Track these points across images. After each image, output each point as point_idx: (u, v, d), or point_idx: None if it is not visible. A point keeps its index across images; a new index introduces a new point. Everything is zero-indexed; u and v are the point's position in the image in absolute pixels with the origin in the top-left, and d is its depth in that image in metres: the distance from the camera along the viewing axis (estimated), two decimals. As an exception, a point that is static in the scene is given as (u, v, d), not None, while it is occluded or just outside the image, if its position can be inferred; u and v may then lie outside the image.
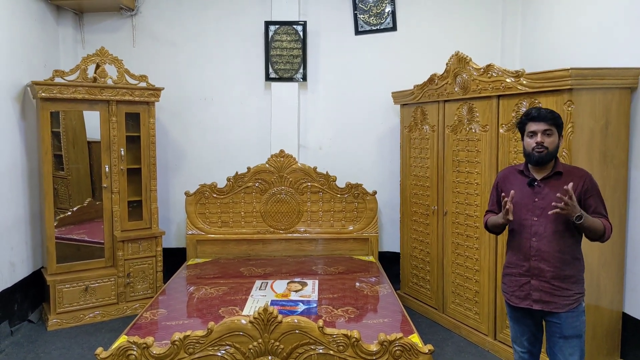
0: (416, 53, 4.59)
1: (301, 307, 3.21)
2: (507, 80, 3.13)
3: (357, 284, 3.72)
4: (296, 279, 3.80)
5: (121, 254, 4.09)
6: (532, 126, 2.25)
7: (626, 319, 3.13)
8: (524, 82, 3.02)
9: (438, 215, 3.89)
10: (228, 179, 4.45)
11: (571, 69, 2.73)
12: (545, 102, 2.94)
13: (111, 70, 4.08)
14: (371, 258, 4.41)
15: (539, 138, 2.22)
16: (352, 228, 4.50)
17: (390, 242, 4.75)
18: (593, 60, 3.33)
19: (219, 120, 4.69)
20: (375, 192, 4.48)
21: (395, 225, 4.66)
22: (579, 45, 3.52)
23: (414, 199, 4.19)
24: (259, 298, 3.39)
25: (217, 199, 4.47)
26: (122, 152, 4.09)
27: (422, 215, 4.09)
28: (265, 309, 2.35)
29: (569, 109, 2.81)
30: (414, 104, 4.10)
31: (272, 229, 4.50)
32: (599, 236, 2.25)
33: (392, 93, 4.33)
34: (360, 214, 4.51)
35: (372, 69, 4.63)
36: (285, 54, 4.53)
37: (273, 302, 3.29)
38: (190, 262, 4.34)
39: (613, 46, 3.22)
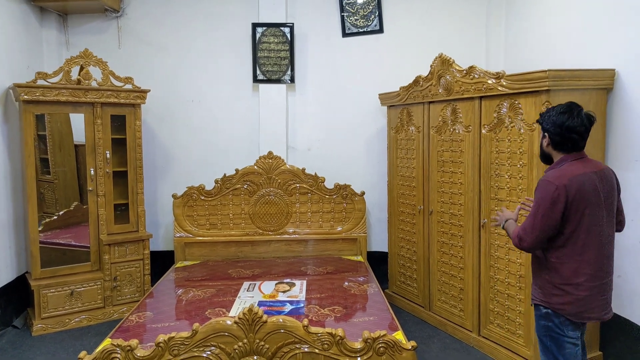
0: (403, 55, 4.63)
1: (288, 307, 3.24)
2: (489, 81, 3.18)
3: (346, 283, 3.75)
4: (284, 280, 3.82)
5: (107, 258, 4.09)
6: None
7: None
8: (504, 83, 3.07)
9: (424, 215, 3.93)
10: (216, 181, 4.46)
11: (548, 70, 2.78)
12: (525, 103, 2.99)
13: (96, 73, 4.07)
14: (360, 258, 4.45)
15: None
16: (340, 228, 4.53)
17: (379, 242, 4.79)
18: (573, 61, 3.39)
19: (206, 123, 4.71)
20: (363, 193, 4.52)
21: (383, 225, 4.70)
22: (559, 46, 3.58)
23: (401, 199, 4.23)
24: (247, 299, 3.41)
25: (205, 201, 4.48)
26: (108, 155, 4.09)
27: (409, 215, 4.13)
28: (250, 309, 2.37)
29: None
30: (400, 105, 4.14)
31: (260, 231, 4.52)
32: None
33: (379, 95, 4.37)
34: (348, 215, 4.54)
35: (360, 71, 4.67)
36: (273, 55, 4.55)
37: (260, 303, 3.31)
38: (178, 265, 4.34)
39: (591, 48, 3.28)
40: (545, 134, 2.19)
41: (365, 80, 4.66)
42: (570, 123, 2.08)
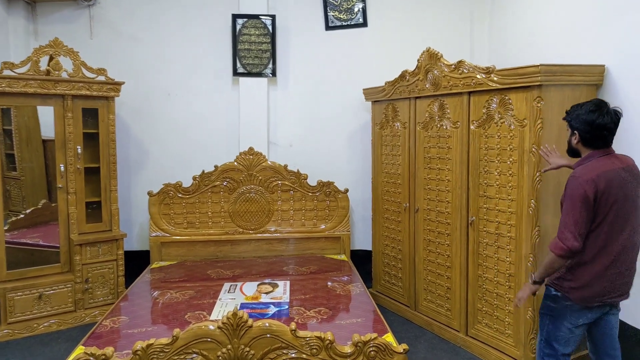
0: (387, 49, 4.54)
1: (272, 310, 3.11)
2: (478, 76, 3.11)
3: (329, 283, 3.64)
4: (267, 280, 3.69)
5: (79, 259, 3.87)
6: None
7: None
8: (495, 78, 3.00)
9: (410, 213, 3.85)
10: (194, 178, 4.29)
11: (540, 65, 2.72)
12: (516, 99, 2.93)
13: (66, 63, 3.85)
14: (343, 257, 4.34)
15: None
16: (324, 227, 4.42)
17: (363, 240, 4.70)
18: (559, 58, 3.34)
19: (184, 117, 4.52)
20: (347, 190, 4.42)
21: (367, 223, 4.60)
22: (547, 42, 3.54)
23: (386, 196, 4.14)
24: (228, 301, 3.26)
25: (183, 199, 4.30)
26: (79, 150, 3.87)
27: (394, 213, 4.04)
28: (234, 313, 2.24)
29: (539, 105, 2.81)
30: (385, 100, 4.04)
31: (241, 229, 4.36)
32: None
33: (363, 90, 4.27)
34: (332, 213, 4.43)
35: (343, 65, 4.56)
36: (254, 48, 4.40)
37: (242, 305, 3.17)
38: (154, 266, 4.16)
39: (580, 44, 3.24)
40: (575, 132, 2.23)
41: (348, 75, 4.55)
42: (601, 121, 2.12)
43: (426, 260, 3.71)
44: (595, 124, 2.13)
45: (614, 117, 2.15)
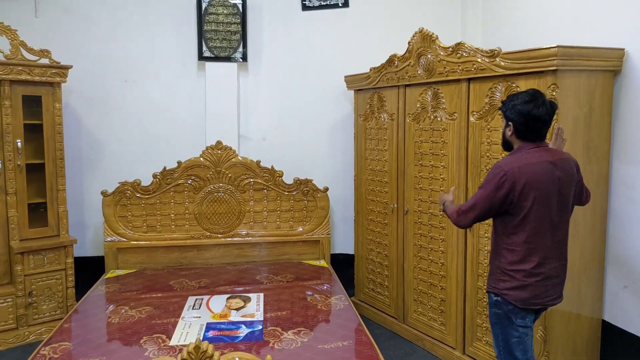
0: (371, 32, 4.11)
1: (244, 331, 2.67)
2: (480, 60, 2.72)
3: (309, 294, 3.22)
4: (237, 293, 3.24)
5: (20, 269, 3.35)
6: None
7: (606, 326, 2.84)
8: (501, 62, 2.61)
9: (398, 214, 3.46)
10: (154, 176, 3.79)
11: (558, 46, 2.35)
12: (525, 86, 2.54)
13: (3, 44, 3.31)
14: (323, 263, 3.92)
15: None
16: (301, 229, 3.99)
17: (343, 243, 4.28)
18: (565, 41, 2.98)
19: (142, 107, 4.00)
20: (326, 189, 3.99)
21: (348, 225, 4.20)
22: (553, 25, 3.17)
23: (371, 195, 3.73)
24: (192, 321, 2.80)
25: (142, 199, 3.80)
26: (19, 144, 3.34)
27: (380, 214, 3.64)
28: (197, 347, 1.79)
29: (554, 93, 2.43)
30: (370, 89, 3.63)
31: (208, 233, 3.89)
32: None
33: (345, 77, 3.84)
34: (310, 214, 4.00)
35: (322, 50, 4.11)
36: (222, 29, 3.91)
37: (209, 326, 2.72)
38: (109, 275, 3.66)
39: (593, 26, 2.89)
40: (510, 123, 2.10)
41: (328, 61, 4.10)
42: (536, 112, 2.02)
43: (417, 267, 3.33)
44: (530, 115, 2.02)
45: (549, 109, 2.04)
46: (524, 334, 2.12)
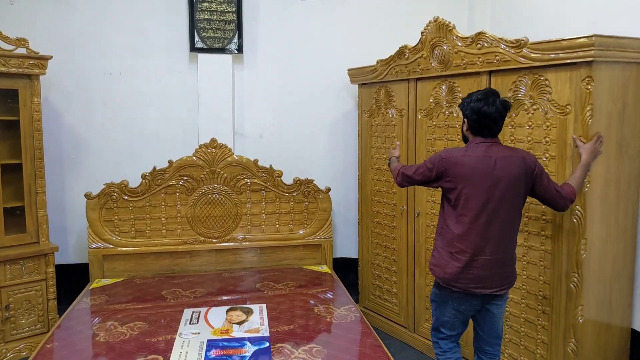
0: (374, 23, 3.87)
1: (249, 349, 2.42)
2: (504, 51, 2.50)
3: (315, 305, 2.98)
4: (237, 304, 2.98)
5: (-5, 281, 3.05)
6: None
7: (635, 335, 2.66)
8: (528, 53, 2.40)
9: (408, 217, 3.24)
10: (144, 176, 3.50)
11: (595, 36, 2.14)
12: (555, 79, 2.34)
13: (-26, 31, 2.99)
14: (325, 268, 3.69)
15: None
16: (302, 232, 3.74)
17: (344, 247, 4.05)
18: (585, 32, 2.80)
19: (130, 101, 3.70)
20: (328, 189, 3.75)
21: (350, 227, 3.98)
22: (575, 14, 2.98)
23: (377, 196, 3.51)
24: (190, 338, 2.54)
25: (130, 202, 3.51)
26: (-7, 143, 3.03)
27: (388, 217, 3.42)
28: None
29: (588, 87, 2.23)
30: (377, 83, 3.39)
31: (202, 238, 3.62)
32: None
33: (349, 70, 3.60)
34: (311, 216, 3.75)
35: (323, 41, 3.85)
36: (216, 18, 3.63)
37: (210, 344, 2.46)
38: (94, 285, 3.36)
39: (612, 14, 2.71)
40: (465, 119, 2.24)
41: (329, 53, 3.85)
42: (486, 110, 2.13)
43: (430, 274, 3.11)
44: (481, 112, 2.14)
45: (500, 107, 2.14)
46: (456, 316, 2.26)
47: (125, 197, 3.49)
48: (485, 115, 2.14)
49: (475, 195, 2.13)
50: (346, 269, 3.94)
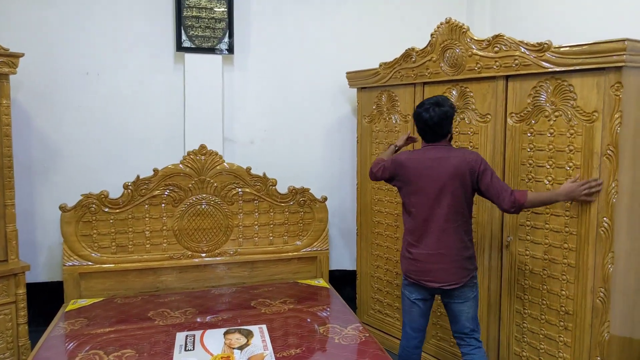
0: (374, 24, 3.72)
1: (257, 379, 2.18)
2: (525, 55, 2.38)
3: (319, 324, 2.77)
4: (235, 326, 2.74)
5: (-42, 305, 2.70)
6: None
7: (654, 350, 2.58)
8: (551, 57, 2.28)
9: (413, 228, 3.08)
10: (126, 186, 3.21)
11: (627, 40, 2.04)
12: (581, 85, 2.23)
13: None
14: (322, 282, 3.48)
15: None
16: (299, 243, 3.53)
17: (340, 259, 3.86)
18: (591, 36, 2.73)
19: (109, 104, 3.39)
20: (325, 199, 3.55)
21: (346, 238, 3.80)
22: (585, 17, 2.91)
23: (378, 206, 3.34)
24: (190, 368, 2.29)
25: (110, 215, 3.20)
26: (-45, 150, 2.68)
27: (390, 227, 3.25)
28: None
29: (618, 93, 2.13)
30: (379, 87, 3.23)
31: (189, 252, 3.35)
32: None
33: (348, 73, 3.42)
34: (307, 227, 3.54)
35: (318, 42, 3.66)
36: (205, 15, 3.38)
37: (213, 375, 2.22)
38: (70, 307, 3.04)
39: (622, 18, 2.65)
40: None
41: (324, 55, 3.67)
42: (423, 116, 2.33)
43: (437, 288, 2.96)
44: (419, 117, 2.35)
45: (436, 114, 2.29)
46: (411, 305, 2.44)
47: (106, 209, 3.19)
48: (422, 121, 2.34)
49: (416, 193, 2.35)
50: (342, 282, 3.75)
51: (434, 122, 2.31)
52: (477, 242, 2.73)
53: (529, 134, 2.46)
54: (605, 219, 2.20)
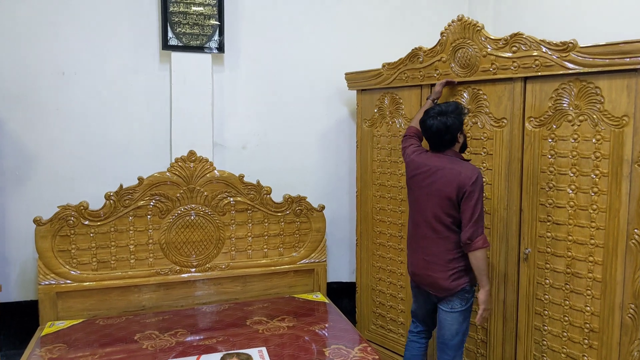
0: (373, 22, 3.54)
1: (264, 414, 1.96)
2: (546, 55, 2.23)
3: (324, 346, 2.56)
4: (232, 349, 2.51)
5: None
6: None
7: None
8: (577, 57, 2.13)
9: (420, 239, 2.90)
10: (108, 197, 2.93)
11: (660, 39, 1.90)
12: (609, 87, 2.09)
13: None
14: (320, 297, 3.27)
15: None
16: (295, 255, 3.31)
17: (336, 270, 3.65)
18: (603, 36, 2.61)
19: (87, 107, 3.10)
20: (322, 207, 3.34)
21: (343, 249, 3.61)
22: (579, 13, 2.79)
23: (380, 215, 3.15)
24: (187, 403, 2.05)
25: (91, 228, 2.93)
26: None
27: (394, 238, 3.07)
28: None
29: (649, 96, 1.99)
30: (381, 89, 3.04)
31: (178, 267, 3.10)
32: None
33: (347, 74, 3.23)
34: (303, 237, 3.33)
35: (314, 41, 3.45)
36: (193, 12, 3.13)
37: (214, 410, 1.99)
38: (47, 330, 2.75)
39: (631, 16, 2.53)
40: None
41: (320, 54, 3.46)
42: (427, 124, 2.31)
43: (447, 302, 2.79)
44: (422, 125, 2.34)
45: (437, 124, 2.26)
46: (414, 303, 2.55)
47: (85, 222, 2.91)
48: (425, 128, 2.33)
49: (413, 199, 2.40)
50: (339, 294, 3.56)
51: (433, 131, 2.29)
52: (492, 254, 2.57)
53: (549, 140, 2.31)
54: (636, 230, 2.05)
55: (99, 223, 2.94)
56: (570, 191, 2.25)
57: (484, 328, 2.64)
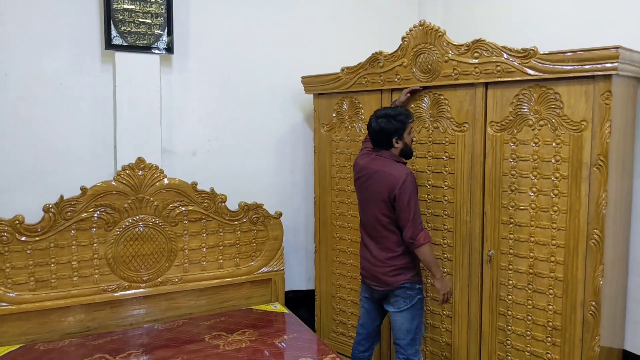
0: (330, 23, 3.49)
1: None
2: (508, 61, 2.28)
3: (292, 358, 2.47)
4: (193, 370, 2.35)
5: None
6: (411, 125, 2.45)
7: (626, 356, 2.60)
8: (537, 64, 2.19)
9: (382, 244, 2.88)
10: (47, 209, 2.66)
11: (620, 48, 1.99)
12: (568, 93, 2.17)
13: None
14: (279, 307, 3.16)
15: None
16: (253, 264, 3.18)
17: (293, 279, 3.55)
18: (566, 44, 2.73)
19: (22, 111, 2.79)
20: (280, 214, 3.23)
21: (300, 256, 3.54)
22: (527, 21, 2.91)
23: (339, 221, 3.10)
24: None
25: (27, 244, 2.64)
26: None
27: (354, 244, 3.03)
28: None
29: (607, 102, 2.08)
30: (340, 93, 3.00)
31: (126, 283, 2.87)
32: None
33: (303, 78, 3.16)
34: (260, 246, 3.20)
35: (269, 43, 3.34)
36: (139, 9, 2.92)
37: None
38: (-22, 361, 2.45)
39: (586, 23, 2.69)
40: None
41: (275, 56, 3.35)
42: (369, 123, 2.43)
43: (410, 307, 2.78)
44: (368, 123, 2.44)
45: (377, 125, 2.36)
46: (360, 301, 2.63)
47: (21, 238, 2.62)
48: (368, 128, 2.43)
49: (359, 199, 2.52)
50: (296, 303, 3.46)
51: (371, 132, 2.41)
52: (455, 257, 2.60)
53: (511, 144, 2.36)
54: (595, 230, 2.14)
55: (37, 238, 2.66)
56: (532, 194, 2.32)
57: (448, 331, 2.66)
